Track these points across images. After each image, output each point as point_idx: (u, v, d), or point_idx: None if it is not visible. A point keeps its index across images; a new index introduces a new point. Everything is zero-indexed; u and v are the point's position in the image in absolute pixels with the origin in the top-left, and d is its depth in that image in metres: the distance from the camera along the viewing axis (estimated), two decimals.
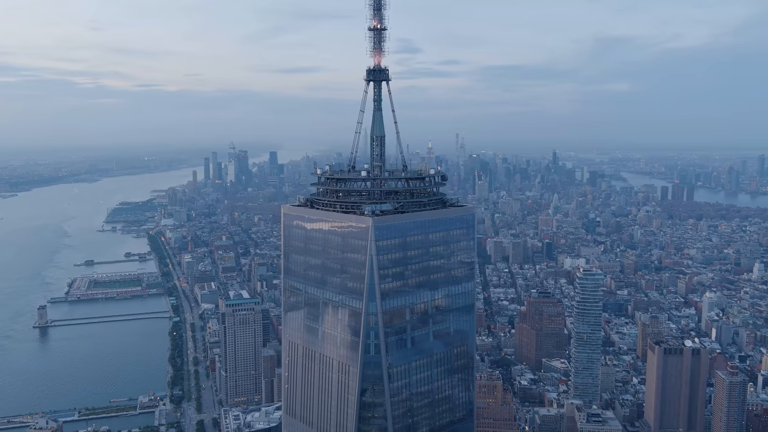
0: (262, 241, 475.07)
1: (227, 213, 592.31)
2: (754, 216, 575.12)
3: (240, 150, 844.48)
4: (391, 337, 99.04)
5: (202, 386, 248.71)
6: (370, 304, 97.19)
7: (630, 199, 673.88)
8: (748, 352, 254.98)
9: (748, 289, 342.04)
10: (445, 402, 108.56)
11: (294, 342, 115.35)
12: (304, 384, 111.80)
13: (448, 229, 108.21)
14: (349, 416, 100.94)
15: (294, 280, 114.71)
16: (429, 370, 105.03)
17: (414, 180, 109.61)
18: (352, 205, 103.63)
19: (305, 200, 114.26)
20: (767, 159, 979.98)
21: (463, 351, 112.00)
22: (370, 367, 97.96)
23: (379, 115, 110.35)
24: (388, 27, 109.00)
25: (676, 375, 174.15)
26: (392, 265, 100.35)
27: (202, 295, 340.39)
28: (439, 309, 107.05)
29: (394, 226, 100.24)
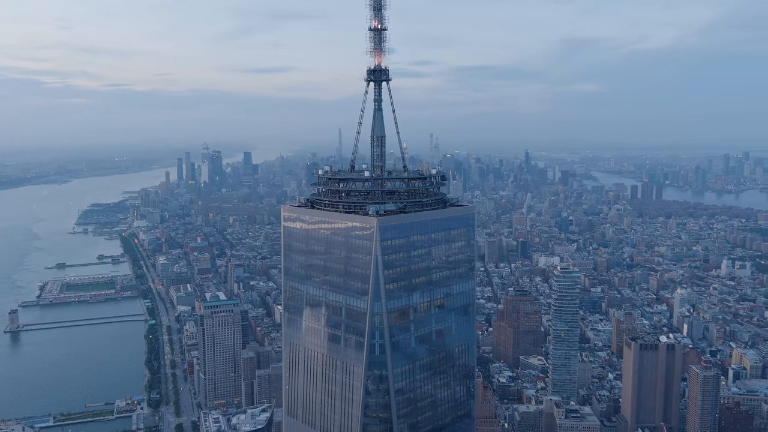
0: (238, 242, 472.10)
1: (201, 214, 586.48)
2: (720, 214, 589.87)
3: (213, 150, 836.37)
4: (396, 336, 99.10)
5: (180, 389, 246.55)
6: (375, 304, 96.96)
7: (601, 198, 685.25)
8: (718, 346, 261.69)
9: (716, 285, 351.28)
10: (448, 400, 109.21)
11: (295, 343, 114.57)
12: (306, 385, 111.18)
13: (450, 229, 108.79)
14: (354, 417, 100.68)
15: (295, 281, 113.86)
16: (432, 369, 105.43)
17: (416, 180, 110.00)
18: (354, 206, 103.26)
19: (306, 200, 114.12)
20: (732, 158, 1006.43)
21: (463, 350, 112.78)
22: (375, 367, 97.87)
23: (380, 115, 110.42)
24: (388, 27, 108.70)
25: (651, 370, 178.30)
26: (396, 265, 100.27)
27: (178, 297, 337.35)
28: (441, 308, 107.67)
29: (399, 226, 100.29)
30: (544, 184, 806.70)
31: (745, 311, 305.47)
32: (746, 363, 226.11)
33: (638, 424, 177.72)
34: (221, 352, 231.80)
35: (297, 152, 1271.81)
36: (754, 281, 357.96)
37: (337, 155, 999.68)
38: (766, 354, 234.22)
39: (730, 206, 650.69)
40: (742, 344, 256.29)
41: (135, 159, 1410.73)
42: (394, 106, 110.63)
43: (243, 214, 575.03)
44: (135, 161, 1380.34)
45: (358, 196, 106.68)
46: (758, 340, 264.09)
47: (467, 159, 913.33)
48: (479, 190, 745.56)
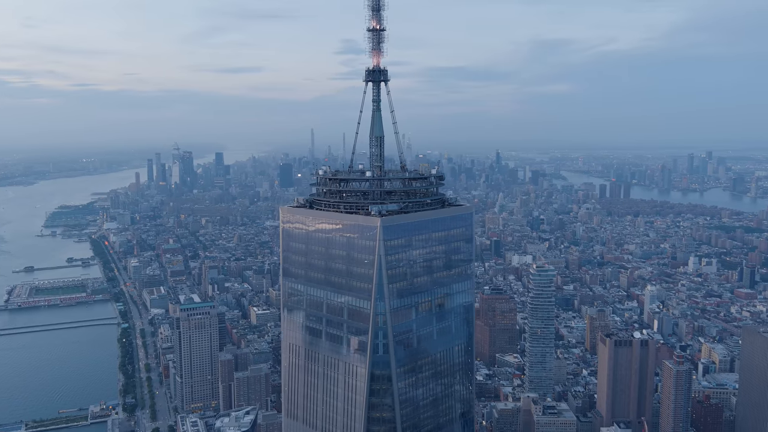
0: (211, 244, 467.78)
1: (173, 215, 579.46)
2: (686, 212, 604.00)
3: (184, 151, 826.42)
4: (399, 336, 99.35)
5: (155, 393, 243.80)
6: (379, 303, 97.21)
7: (571, 197, 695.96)
8: (688, 341, 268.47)
9: (684, 281, 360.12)
10: (449, 399, 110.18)
11: (294, 344, 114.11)
12: (306, 386, 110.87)
13: (449, 228, 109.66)
14: (357, 417, 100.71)
15: (294, 282, 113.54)
16: (433, 368, 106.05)
17: (416, 180, 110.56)
18: (356, 206, 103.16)
19: (305, 201, 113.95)
20: (696, 158, 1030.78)
21: (463, 348, 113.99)
22: (378, 367, 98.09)
23: (379, 115, 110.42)
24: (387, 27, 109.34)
25: (626, 366, 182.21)
26: (399, 264, 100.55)
27: (152, 300, 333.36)
28: (442, 307, 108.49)
29: (401, 225, 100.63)
30: (515, 184, 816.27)
31: (712, 307, 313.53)
32: (715, 357, 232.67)
33: (614, 418, 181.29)
34: (198, 354, 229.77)
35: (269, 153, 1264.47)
36: (720, 277, 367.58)
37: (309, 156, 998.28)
38: (734, 348, 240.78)
39: (695, 204, 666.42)
40: (711, 339, 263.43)
41: (103, 160, 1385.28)
42: (393, 107, 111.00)
43: (215, 215, 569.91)
44: (103, 162, 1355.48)
45: (357, 196, 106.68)
46: (725, 334, 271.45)
47: (439, 159, 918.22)
48: (452, 189, 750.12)
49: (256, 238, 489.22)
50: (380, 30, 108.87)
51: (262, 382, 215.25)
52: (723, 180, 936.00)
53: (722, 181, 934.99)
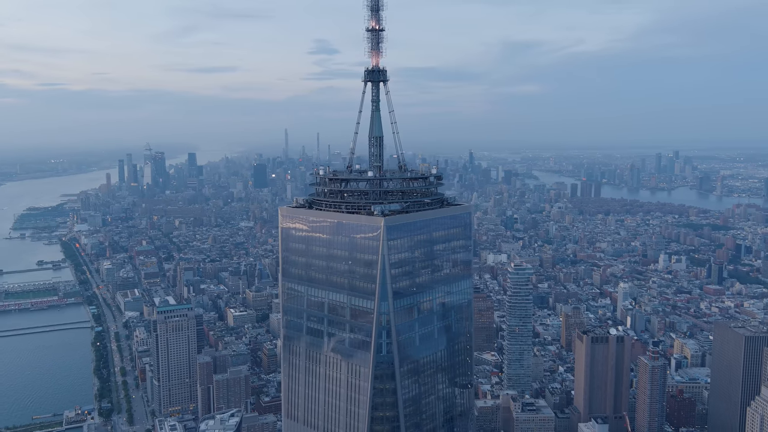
0: (185, 245, 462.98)
1: (146, 217, 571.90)
2: (655, 210, 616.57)
3: (157, 151, 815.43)
4: (401, 335, 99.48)
5: (132, 397, 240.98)
6: (382, 303, 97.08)
7: (543, 197, 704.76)
8: (660, 337, 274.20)
9: (655, 278, 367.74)
10: (450, 397, 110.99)
11: (294, 345, 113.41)
12: (307, 387, 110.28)
13: (449, 228, 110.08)
14: (360, 417, 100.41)
15: (294, 283, 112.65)
16: (435, 367, 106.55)
17: (416, 180, 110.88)
18: (358, 206, 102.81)
19: (304, 201, 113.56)
20: (663, 157, 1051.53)
21: (463, 347, 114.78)
22: (381, 367, 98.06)
23: (378, 115, 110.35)
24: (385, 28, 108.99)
25: (602, 362, 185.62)
26: (402, 264, 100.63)
27: (126, 302, 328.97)
28: (443, 306, 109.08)
29: (404, 225, 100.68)
30: (488, 184, 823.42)
31: (682, 303, 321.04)
32: (687, 352, 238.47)
33: (591, 414, 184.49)
34: (176, 357, 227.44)
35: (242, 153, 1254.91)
36: (690, 274, 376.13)
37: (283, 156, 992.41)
38: (704, 343, 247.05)
39: (664, 203, 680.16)
40: (682, 334, 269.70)
41: (72, 161, 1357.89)
42: (392, 107, 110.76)
43: (189, 216, 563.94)
44: (72, 163, 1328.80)
45: (357, 196, 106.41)
46: (696, 330, 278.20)
47: (413, 159, 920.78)
48: None
49: (231, 239, 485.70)
50: (379, 30, 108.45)
51: (242, 384, 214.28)
52: (690, 179, 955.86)
53: (689, 180, 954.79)
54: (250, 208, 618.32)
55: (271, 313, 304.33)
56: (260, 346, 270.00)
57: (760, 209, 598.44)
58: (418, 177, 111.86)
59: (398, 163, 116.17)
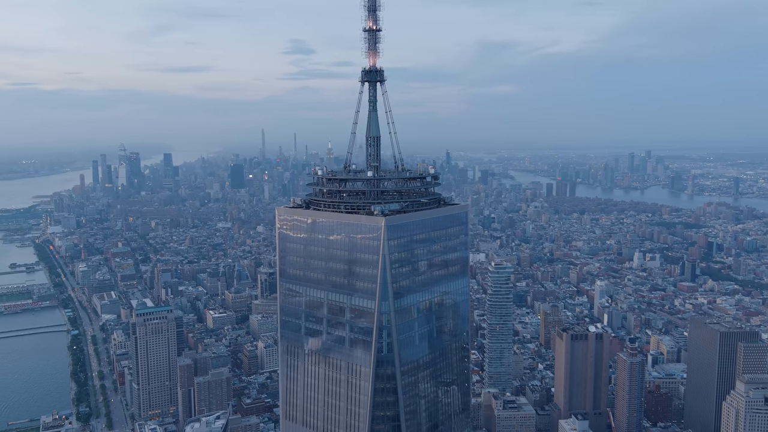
0: (162, 247, 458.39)
1: (121, 218, 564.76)
2: (629, 209, 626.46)
3: (131, 152, 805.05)
4: (402, 335, 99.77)
5: (110, 401, 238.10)
6: (383, 303, 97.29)
7: (519, 196, 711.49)
8: (636, 334, 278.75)
9: (630, 276, 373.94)
10: (448, 396, 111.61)
11: (293, 345, 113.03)
12: (305, 388, 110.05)
13: (446, 227, 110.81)
14: (361, 416, 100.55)
15: (292, 283, 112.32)
16: (433, 365, 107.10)
17: (414, 180, 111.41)
18: (357, 206, 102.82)
19: (302, 201, 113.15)
20: (636, 157, 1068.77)
21: (461, 345, 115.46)
22: (382, 366, 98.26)
23: (375, 116, 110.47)
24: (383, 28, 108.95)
25: (582, 359, 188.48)
26: (402, 263, 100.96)
27: (102, 305, 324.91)
28: (441, 305, 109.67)
29: (404, 225, 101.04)
30: (465, 184, 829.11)
31: (657, 300, 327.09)
32: (663, 348, 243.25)
33: (571, 410, 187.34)
34: (155, 360, 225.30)
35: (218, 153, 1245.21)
36: (664, 272, 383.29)
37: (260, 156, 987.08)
38: (679, 339, 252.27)
39: (637, 202, 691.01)
40: (657, 331, 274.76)
41: (45, 162, 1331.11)
42: (390, 107, 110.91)
43: (165, 217, 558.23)
44: (45, 164, 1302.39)
45: (354, 196, 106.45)
46: (671, 326, 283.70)
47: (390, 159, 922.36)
48: None
49: (208, 240, 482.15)
50: (376, 30, 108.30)
51: (223, 386, 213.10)
52: (662, 178, 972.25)
53: (661, 179, 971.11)
54: (227, 208, 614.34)
55: (251, 315, 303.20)
56: (240, 347, 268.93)
57: (731, 207, 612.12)
58: (416, 177, 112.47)
59: (395, 163, 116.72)
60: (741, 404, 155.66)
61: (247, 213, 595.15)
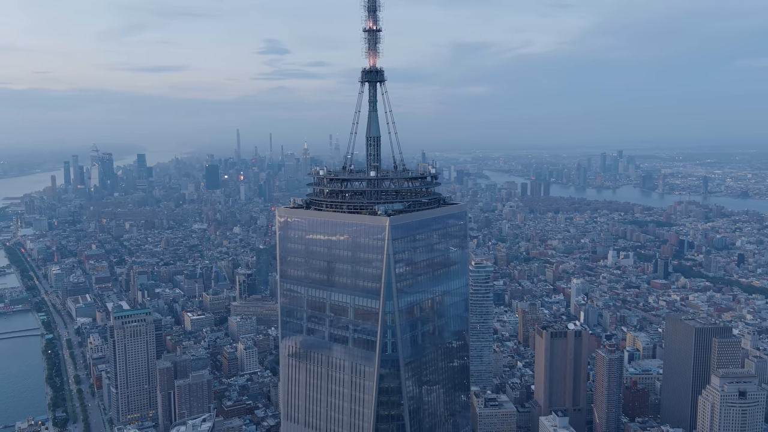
0: (137, 249, 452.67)
1: (94, 220, 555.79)
2: (602, 208, 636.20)
3: (104, 152, 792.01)
4: (405, 334, 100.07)
5: (88, 406, 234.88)
6: (387, 302, 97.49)
7: (495, 196, 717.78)
8: (612, 331, 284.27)
9: (605, 274, 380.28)
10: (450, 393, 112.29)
11: (294, 346, 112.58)
12: (307, 389, 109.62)
13: (447, 226, 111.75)
14: (366, 416, 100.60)
15: (293, 284, 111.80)
16: (435, 364, 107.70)
17: (415, 180, 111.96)
18: (360, 206, 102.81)
19: (302, 202, 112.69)
20: (608, 156, 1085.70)
21: (461, 344, 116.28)
22: (387, 366, 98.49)
23: (375, 116, 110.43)
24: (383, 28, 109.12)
25: (561, 356, 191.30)
26: (406, 263, 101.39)
27: (77, 308, 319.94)
28: (442, 304, 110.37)
29: (407, 224, 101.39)
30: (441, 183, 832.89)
31: (632, 297, 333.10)
32: (639, 345, 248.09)
33: (551, 407, 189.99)
34: (134, 363, 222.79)
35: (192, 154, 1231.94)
36: (637, 269, 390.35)
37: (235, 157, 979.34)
38: (654, 336, 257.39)
39: (610, 201, 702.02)
40: (632, 328, 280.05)
41: (14, 162, 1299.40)
42: (390, 106, 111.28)
43: (140, 218, 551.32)
44: (14, 165, 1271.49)
45: (354, 196, 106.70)
46: (645, 323, 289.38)
47: None
48: None
49: (184, 241, 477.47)
50: (376, 30, 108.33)
51: (205, 389, 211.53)
52: (633, 177, 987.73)
53: (632, 178, 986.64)
54: (203, 209, 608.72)
55: (229, 316, 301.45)
56: (220, 349, 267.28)
57: (700, 206, 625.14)
58: (417, 177, 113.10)
59: (394, 163, 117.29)
60: (716, 398, 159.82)
61: (223, 214, 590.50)
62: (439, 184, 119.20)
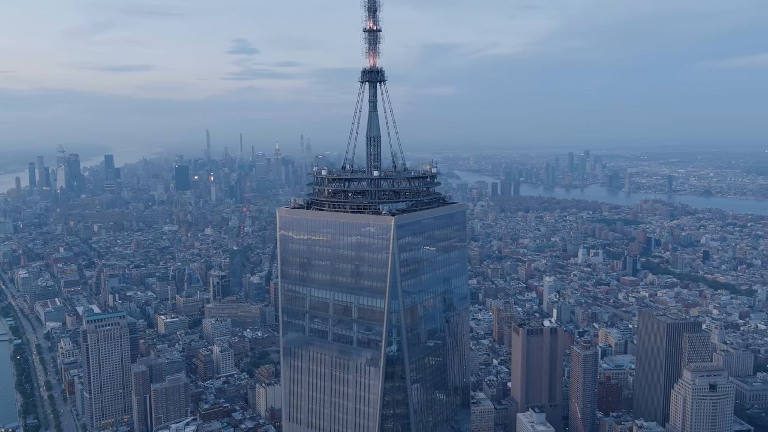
0: (107, 251, 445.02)
1: (61, 222, 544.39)
2: (571, 207, 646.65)
3: (70, 153, 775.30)
4: (410, 332, 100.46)
5: (60, 412, 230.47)
6: (393, 302, 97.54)
7: (466, 195, 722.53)
8: (584, 327, 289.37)
9: (576, 272, 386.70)
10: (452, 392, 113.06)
11: (296, 347, 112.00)
12: (310, 389, 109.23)
13: (449, 226, 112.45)
14: (371, 415, 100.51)
15: (295, 284, 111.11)
16: (439, 361, 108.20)
17: (417, 179, 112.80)
18: (363, 205, 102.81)
19: (303, 202, 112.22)
20: (575, 156, 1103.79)
21: (462, 342, 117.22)
22: (392, 365, 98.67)
23: (375, 115, 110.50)
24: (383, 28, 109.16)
25: (537, 353, 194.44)
26: (410, 262, 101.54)
27: (46, 312, 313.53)
28: (444, 302, 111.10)
29: (411, 224, 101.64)
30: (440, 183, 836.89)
31: (602, 294, 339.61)
32: (611, 341, 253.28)
33: (528, 404, 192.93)
34: (108, 368, 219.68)
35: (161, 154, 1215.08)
36: (607, 267, 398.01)
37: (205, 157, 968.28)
38: (625, 331, 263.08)
39: (578, 200, 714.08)
40: (604, 324, 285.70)
41: None
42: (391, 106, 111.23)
43: (108, 220, 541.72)
44: None
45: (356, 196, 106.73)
46: (616, 319, 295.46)
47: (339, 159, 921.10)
48: None
49: (155, 243, 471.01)
50: (377, 30, 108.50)
51: (182, 392, 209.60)
52: (600, 177, 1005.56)
53: (599, 177, 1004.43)
54: (173, 211, 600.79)
55: (203, 319, 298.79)
56: (195, 352, 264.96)
57: (665, 204, 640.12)
58: (419, 176, 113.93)
59: (393, 163, 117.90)
60: (688, 391, 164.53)
61: (194, 215, 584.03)
62: (439, 184, 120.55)
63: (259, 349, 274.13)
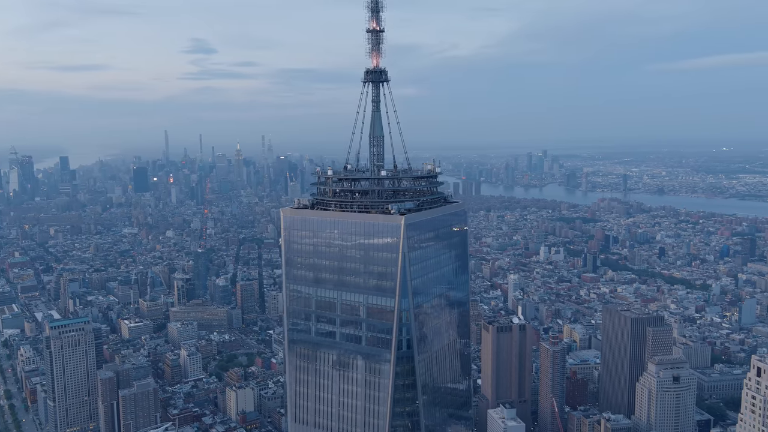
0: (65, 255, 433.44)
1: (15, 226, 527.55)
2: (531, 206, 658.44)
3: (23, 155, 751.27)
4: (418, 330, 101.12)
5: (22, 421, 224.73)
6: (403, 300, 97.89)
7: None
8: (549, 324, 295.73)
9: (538, 270, 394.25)
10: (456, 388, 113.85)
11: (301, 348, 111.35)
12: (317, 389, 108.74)
13: (453, 224, 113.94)
14: (381, 414, 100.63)
15: (301, 285, 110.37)
16: (443, 360, 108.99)
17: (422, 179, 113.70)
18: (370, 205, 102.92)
19: (308, 202, 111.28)
20: (534, 156, 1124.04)
21: (464, 340, 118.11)
22: (402, 363, 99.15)
23: (378, 115, 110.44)
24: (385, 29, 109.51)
25: (507, 350, 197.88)
26: (418, 260, 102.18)
27: (3, 319, 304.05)
28: (448, 299, 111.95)
29: (419, 223, 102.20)
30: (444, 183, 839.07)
31: (564, 291, 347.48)
32: (576, 336, 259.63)
33: (498, 400, 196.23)
34: (73, 375, 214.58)
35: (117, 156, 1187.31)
36: (568, 264, 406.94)
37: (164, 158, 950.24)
38: (589, 327, 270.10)
39: (538, 199, 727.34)
40: (567, 320, 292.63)
41: None
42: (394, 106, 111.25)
43: (65, 224, 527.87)
44: None
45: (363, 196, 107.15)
46: (579, 315, 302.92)
47: (300, 160, 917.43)
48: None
49: (115, 246, 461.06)
50: (380, 31, 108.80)
51: (151, 398, 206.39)
52: (558, 176, 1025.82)
53: (557, 177, 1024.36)
54: (132, 213, 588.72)
55: (168, 323, 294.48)
56: (161, 357, 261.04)
57: (621, 203, 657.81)
58: (425, 176, 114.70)
59: (394, 163, 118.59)
60: (653, 384, 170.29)
61: (155, 217, 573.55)
62: (442, 183, 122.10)
63: (226, 352, 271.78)
